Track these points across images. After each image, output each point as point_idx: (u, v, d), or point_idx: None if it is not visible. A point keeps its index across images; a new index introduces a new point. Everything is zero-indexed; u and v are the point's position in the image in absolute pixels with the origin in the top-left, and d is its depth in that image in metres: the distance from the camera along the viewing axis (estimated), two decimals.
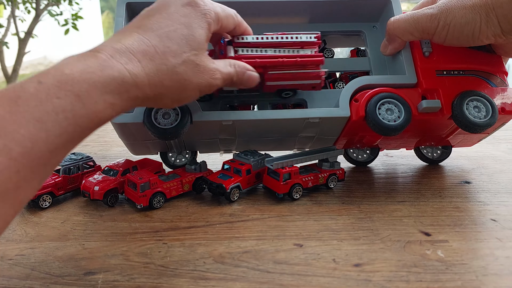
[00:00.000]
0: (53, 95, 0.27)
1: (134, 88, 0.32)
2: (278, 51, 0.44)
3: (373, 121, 0.45)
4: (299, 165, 0.51)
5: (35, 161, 0.26)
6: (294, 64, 0.44)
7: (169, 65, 0.34)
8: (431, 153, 0.59)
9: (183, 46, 0.35)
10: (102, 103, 0.29)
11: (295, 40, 0.45)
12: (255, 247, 0.38)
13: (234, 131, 0.48)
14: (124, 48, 0.32)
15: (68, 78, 0.28)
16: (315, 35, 0.45)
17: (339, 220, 0.43)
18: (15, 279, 0.34)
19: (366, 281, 0.33)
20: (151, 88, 0.33)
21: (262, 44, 0.44)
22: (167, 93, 0.35)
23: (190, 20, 0.36)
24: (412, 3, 3.12)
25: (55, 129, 0.27)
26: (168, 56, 0.34)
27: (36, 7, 3.12)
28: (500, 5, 0.40)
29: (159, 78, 0.33)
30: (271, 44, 0.44)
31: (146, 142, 0.50)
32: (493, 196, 0.48)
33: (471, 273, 0.34)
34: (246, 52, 0.44)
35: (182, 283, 0.33)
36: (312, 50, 0.45)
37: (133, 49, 0.32)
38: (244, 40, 0.44)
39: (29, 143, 0.26)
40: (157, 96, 0.34)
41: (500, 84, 0.49)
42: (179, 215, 0.45)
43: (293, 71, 0.44)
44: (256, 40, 0.44)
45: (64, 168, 0.49)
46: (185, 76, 0.35)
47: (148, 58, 0.33)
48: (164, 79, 0.34)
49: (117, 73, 0.30)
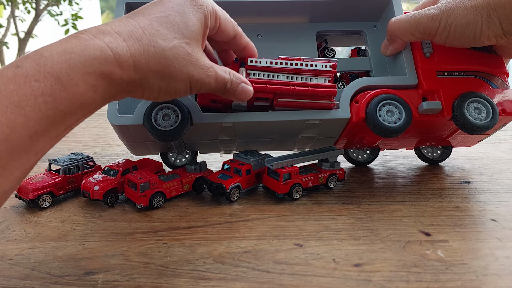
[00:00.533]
0: (32, 78, 0.26)
1: (118, 69, 0.30)
2: (291, 78, 0.44)
3: (373, 122, 0.45)
4: (299, 165, 0.51)
5: (14, 148, 0.25)
6: (305, 93, 0.44)
7: (158, 47, 0.32)
8: (431, 153, 0.59)
9: (174, 32, 0.33)
10: (83, 85, 0.28)
11: (310, 68, 0.44)
12: (255, 247, 0.38)
13: (234, 132, 0.48)
14: (109, 29, 0.31)
15: (47, 60, 0.27)
16: (331, 63, 0.45)
17: (339, 220, 0.43)
18: (15, 279, 0.34)
19: (366, 281, 0.33)
20: (136, 70, 0.31)
21: (275, 69, 0.44)
22: (154, 78, 0.33)
23: (184, 9, 0.34)
24: (412, 3, 3.12)
25: (34, 114, 0.26)
26: (156, 38, 0.32)
27: (36, 7, 3.12)
28: (502, 6, 0.40)
29: (145, 59, 0.31)
30: (285, 70, 0.44)
31: (146, 143, 0.50)
32: (493, 196, 0.48)
33: (471, 273, 0.34)
34: (258, 76, 0.43)
35: (182, 283, 0.33)
36: (326, 79, 0.45)
37: (119, 30, 0.31)
38: (257, 64, 0.43)
39: (6, 129, 0.25)
40: (143, 81, 0.32)
41: (501, 85, 0.49)
42: (179, 215, 0.45)
43: (303, 100, 0.44)
44: (269, 64, 0.43)
45: (64, 168, 0.49)
46: (174, 62, 0.33)
47: (134, 38, 0.31)
48: (151, 61, 0.32)
49: (99, 52, 0.29)
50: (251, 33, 0.51)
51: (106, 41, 0.30)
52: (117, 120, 0.44)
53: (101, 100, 0.30)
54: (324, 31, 0.53)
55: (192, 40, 0.34)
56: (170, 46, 0.33)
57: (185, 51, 0.33)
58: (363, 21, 0.53)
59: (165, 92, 0.34)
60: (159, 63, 0.32)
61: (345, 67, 0.53)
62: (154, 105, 0.44)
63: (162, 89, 0.34)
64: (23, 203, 0.47)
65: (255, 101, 0.45)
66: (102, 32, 0.30)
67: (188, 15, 0.34)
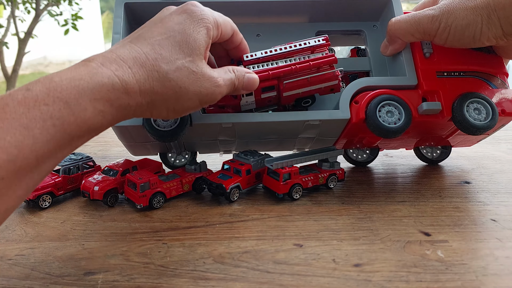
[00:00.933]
0: (41, 102, 0.27)
1: (125, 95, 0.31)
2: (289, 61, 0.44)
3: (373, 123, 0.45)
4: (299, 165, 0.51)
5: (21, 168, 0.26)
6: (308, 68, 0.44)
7: (161, 71, 0.33)
8: (430, 153, 0.59)
9: (176, 53, 0.34)
10: (91, 110, 0.29)
11: (304, 46, 0.45)
12: (255, 247, 0.38)
13: (234, 133, 0.48)
14: (114, 56, 0.32)
15: (57, 85, 0.28)
16: (323, 37, 0.45)
17: (339, 220, 0.43)
18: (15, 279, 0.34)
19: (366, 281, 0.33)
20: (142, 95, 0.32)
21: (272, 57, 0.44)
22: (160, 101, 0.34)
23: (184, 27, 0.35)
24: (411, 3, 3.12)
25: (43, 136, 0.27)
26: (159, 62, 0.33)
27: (36, 7, 3.12)
28: (502, 7, 0.40)
29: (150, 85, 0.32)
30: (281, 55, 0.44)
31: (146, 143, 0.50)
32: (493, 196, 0.48)
33: (471, 273, 0.34)
34: (257, 68, 0.43)
35: (182, 283, 0.33)
36: (323, 52, 0.45)
37: (124, 57, 0.32)
38: (253, 58, 0.43)
39: (15, 150, 0.25)
40: (150, 105, 0.33)
41: (501, 85, 0.49)
42: (179, 215, 0.45)
43: (308, 76, 0.44)
44: (265, 54, 0.44)
45: (64, 168, 0.49)
46: (179, 83, 0.33)
47: (138, 65, 0.32)
48: (155, 86, 0.33)
49: (107, 79, 0.30)
50: (251, 33, 0.52)
51: (112, 69, 0.31)
52: None
53: (108, 124, 0.31)
54: (324, 30, 0.53)
55: (196, 57, 0.35)
56: (173, 69, 0.33)
57: (189, 70, 0.34)
58: (362, 21, 0.53)
59: (174, 111, 0.35)
60: (164, 86, 0.33)
61: (345, 67, 0.53)
62: None
63: (170, 109, 0.35)
64: (23, 203, 0.47)
65: (262, 94, 0.45)
66: (108, 60, 0.31)
67: (189, 32, 0.35)
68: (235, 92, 0.40)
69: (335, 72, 0.45)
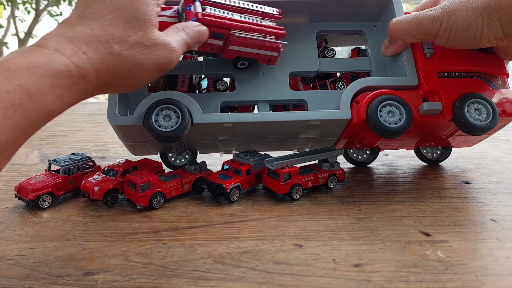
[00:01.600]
0: (2, 90, 0.27)
1: (82, 81, 0.32)
2: (242, 17, 0.45)
3: (374, 123, 0.45)
4: (299, 165, 0.51)
5: None
6: (259, 32, 0.45)
7: (115, 53, 0.33)
8: (430, 154, 0.59)
9: (127, 30, 0.34)
10: (51, 96, 0.30)
11: (259, 10, 0.46)
12: (255, 247, 0.38)
13: (235, 133, 0.48)
14: (67, 41, 0.32)
15: (15, 73, 0.28)
16: (277, 9, 0.47)
17: (339, 220, 0.43)
18: (15, 279, 0.34)
19: (366, 282, 0.33)
20: (99, 78, 0.33)
21: (228, 7, 0.45)
22: (116, 80, 0.34)
23: (132, 0, 0.35)
24: (411, 3, 3.12)
25: (5, 123, 0.27)
26: (112, 44, 0.33)
27: (36, 7, 3.13)
28: (503, 8, 0.40)
29: (105, 67, 0.33)
30: (237, 9, 0.45)
31: (146, 143, 0.50)
32: (492, 196, 0.49)
33: (471, 274, 0.34)
34: (214, 11, 0.44)
35: (182, 283, 0.33)
36: (272, 23, 0.47)
37: (77, 41, 0.32)
38: (211, 0, 0.44)
39: None
40: (106, 85, 0.34)
41: (501, 86, 0.49)
42: (179, 215, 0.45)
43: (256, 37, 0.45)
44: (223, 1, 0.44)
45: (64, 168, 0.49)
46: (134, 60, 0.34)
47: (92, 49, 0.32)
48: (110, 67, 0.33)
49: (63, 66, 0.30)
50: None
51: (68, 55, 0.31)
52: (117, 120, 0.44)
53: (67, 106, 0.32)
54: (325, 31, 0.53)
55: (147, 30, 0.35)
56: (126, 48, 0.34)
57: (142, 45, 0.35)
58: (363, 21, 0.53)
59: (132, 85, 0.36)
60: (119, 66, 0.34)
61: (346, 67, 0.53)
62: (154, 106, 0.44)
63: (128, 85, 0.36)
64: (23, 203, 0.47)
65: (209, 39, 0.44)
66: (62, 45, 0.32)
67: (138, 5, 0.35)
68: (188, 49, 0.40)
69: (278, 44, 0.46)
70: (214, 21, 0.42)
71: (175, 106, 0.44)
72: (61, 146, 0.69)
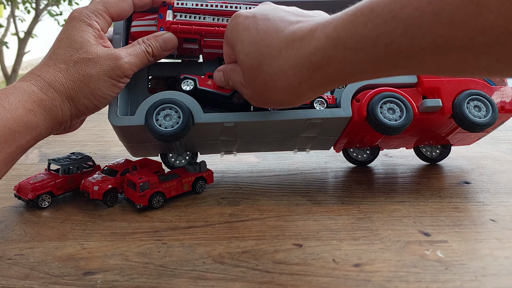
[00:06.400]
0: None
1: (45, 96, 0.38)
2: (216, 19, 0.45)
3: (375, 120, 0.45)
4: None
5: None
6: None
7: (63, 69, 0.39)
8: (430, 152, 0.60)
9: (68, 52, 0.40)
10: (22, 109, 0.36)
11: (234, 10, 0.46)
12: (254, 247, 0.38)
13: (236, 133, 0.48)
14: (31, 73, 0.39)
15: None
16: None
17: (338, 220, 0.43)
18: (14, 279, 0.34)
19: (366, 281, 0.33)
20: (58, 92, 0.39)
21: (202, 11, 0.45)
22: (76, 93, 0.40)
23: (69, 32, 0.41)
24: None
25: None
26: (58, 64, 0.40)
27: (36, 7, 3.13)
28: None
29: (59, 82, 0.39)
30: (210, 12, 0.45)
31: (147, 144, 0.50)
32: (492, 196, 0.49)
33: (471, 274, 0.34)
34: (185, 18, 0.44)
35: (182, 283, 0.33)
36: None
37: (35, 70, 0.40)
38: (183, 6, 0.45)
39: None
40: (70, 100, 0.40)
41: (499, 83, 0.50)
42: (178, 215, 0.45)
43: None
44: (195, 6, 0.45)
45: (64, 167, 0.49)
46: (81, 72, 0.39)
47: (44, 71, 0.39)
48: (63, 82, 0.39)
49: (26, 86, 0.37)
50: None
51: (27, 80, 0.39)
52: (118, 121, 0.44)
53: (44, 123, 0.38)
54: None
55: (87, 47, 0.40)
56: (72, 64, 0.40)
57: (85, 59, 0.40)
58: None
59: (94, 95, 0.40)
60: (70, 79, 0.39)
61: None
62: (155, 105, 0.44)
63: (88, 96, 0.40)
64: (22, 203, 0.47)
65: (184, 43, 0.46)
66: (26, 76, 0.39)
67: (74, 33, 0.41)
68: (160, 57, 0.44)
69: None
70: (180, 27, 0.44)
71: (176, 106, 0.44)
72: (60, 146, 0.69)
